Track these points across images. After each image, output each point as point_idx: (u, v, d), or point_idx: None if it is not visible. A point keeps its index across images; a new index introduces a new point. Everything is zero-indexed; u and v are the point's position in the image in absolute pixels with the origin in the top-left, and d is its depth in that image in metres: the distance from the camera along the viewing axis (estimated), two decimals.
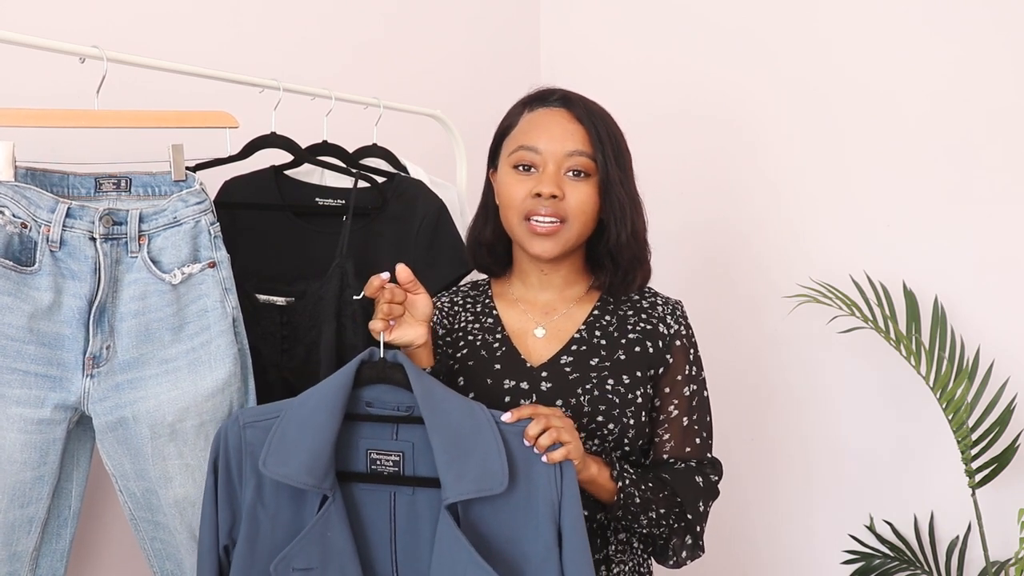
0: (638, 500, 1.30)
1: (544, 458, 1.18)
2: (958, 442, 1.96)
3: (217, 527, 1.21)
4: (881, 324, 2.08)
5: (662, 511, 1.32)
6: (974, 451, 1.97)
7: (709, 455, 1.44)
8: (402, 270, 1.23)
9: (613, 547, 1.38)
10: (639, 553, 1.43)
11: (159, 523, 1.35)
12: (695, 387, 1.43)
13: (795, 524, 2.39)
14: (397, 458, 1.20)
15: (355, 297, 1.29)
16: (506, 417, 1.19)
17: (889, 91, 2.19)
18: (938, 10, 2.12)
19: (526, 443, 1.18)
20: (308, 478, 1.14)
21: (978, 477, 1.97)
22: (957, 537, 2.12)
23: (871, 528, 2.25)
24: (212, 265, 1.30)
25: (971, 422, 1.98)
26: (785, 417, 2.39)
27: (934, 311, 2.10)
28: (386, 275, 1.22)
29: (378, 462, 1.21)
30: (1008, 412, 1.98)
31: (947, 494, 2.13)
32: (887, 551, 2.18)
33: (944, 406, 1.95)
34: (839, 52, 2.26)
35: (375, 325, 1.22)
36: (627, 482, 1.29)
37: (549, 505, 1.18)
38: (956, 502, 2.10)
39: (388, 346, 1.22)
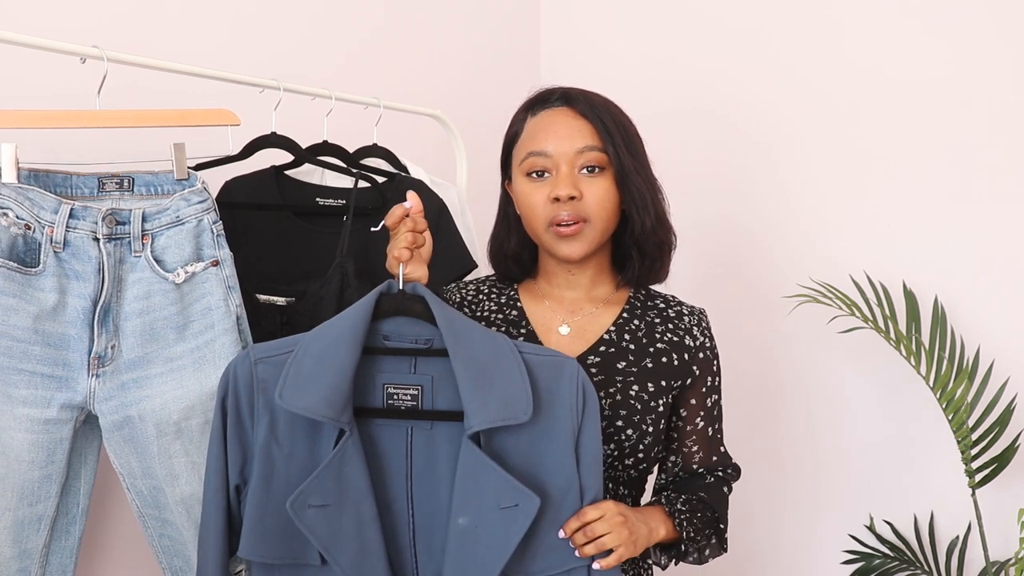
0: (693, 535, 1.33)
1: (596, 565, 1.18)
2: (958, 442, 1.96)
3: (226, 468, 1.18)
4: (881, 324, 2.08)
5: (707, 532, 1.36)
6: (974, 451, 1.97)
7: (732, 460, 1.47)
8: (413, 197, 1.24)
9: None
10: (638, 560, 1.42)
11: (167, 520, 1.35)
12: (716, 396, 1.44)
13: (795, 524, 2.39)
14: (415, 392, 1.19)
15: (373, 229, 1.28)
16: (560, 535, 1.18)
17: (890, 91, 2.19)
18: (938, 10, 2.12)
19: (572, 546, 1.18)
20: (327, 410, 1.11)
21: (978, 477, 1.97)
22: (957, 537, 2.12)
23: (871, 528, 2.25)
24: (215, 264, 1.30)
25: (971, 422, 1.99)
26: (785, 417, 2.39)
27: (934, 311, 2.10)
28: (408, 204, 1.22)
29: (395, 396, 1.19)
30: (1008, 412, 1.98)
31: (947, 494, 2.14)
32: (887, 551, 2.18)
33: (944, 406, 1.95)
34: (841, 52, 2.26)
35: (401, 254, 1.20)
36: (686, 526, 1.32)
37: (570, 435, 1.17)
38: (956, 502, 2.10)
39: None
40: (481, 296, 1.47)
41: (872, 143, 2.22)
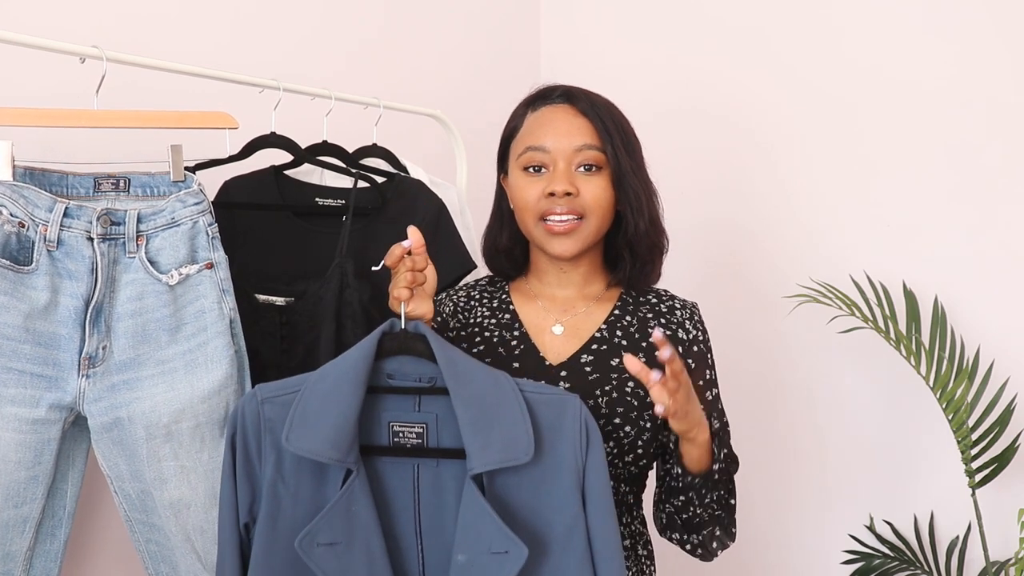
0: (716, 477, 1.29)
1: (660, 409, 1.16)
2: (958, 442, 1.96)
3: (236, 505, 1.19)
4: (881, 324, 2.08)
5: (720, 492, 1.32)
6: (974, 451, 1.97)
7: (734, 452, 1.45)
8: (415, 233, 1.21)
9: None
10: (642, 560, 1.42)
11: (154, 525, 1.34)
12: (715, 391, 1.44)
13: (795, 524, 2.39)
14: (420, 430, 1.19)
15: (374, 268, 1.27)
16: (659, 342, 1.14)
17: (890, 91, 2.19)
18: (938, 10, 2.12)
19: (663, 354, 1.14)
20: (333, 452, 1.12)
21: (978, 477, 1.97)
22: (957, 537, 2.12)
23: (871, 528, 2.25)
24: (209, 266, 1.30)
25: (971, 422, 1.98)
26: (785, 417, 2.39)
27: (934, 311, 2.10)
28: (407, 243, 1.20)
29: (401, 435, 1.20)
30: (1008, 412, 1.98)
31: (947, 494, 2.13)
32: (887, 551, 2.18)
33: (944, 406, 1.95)
34: (841, 52, 2.26)
35: (401, 293, 1.19)
36: (717, 455, 1.29)
37: (575, 474, 1.17)
38: (956, 502, 2.10)
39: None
40: (473, 302, 1.47)
41: (872, 143, 2.22)
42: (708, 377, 1.42)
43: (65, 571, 1.38)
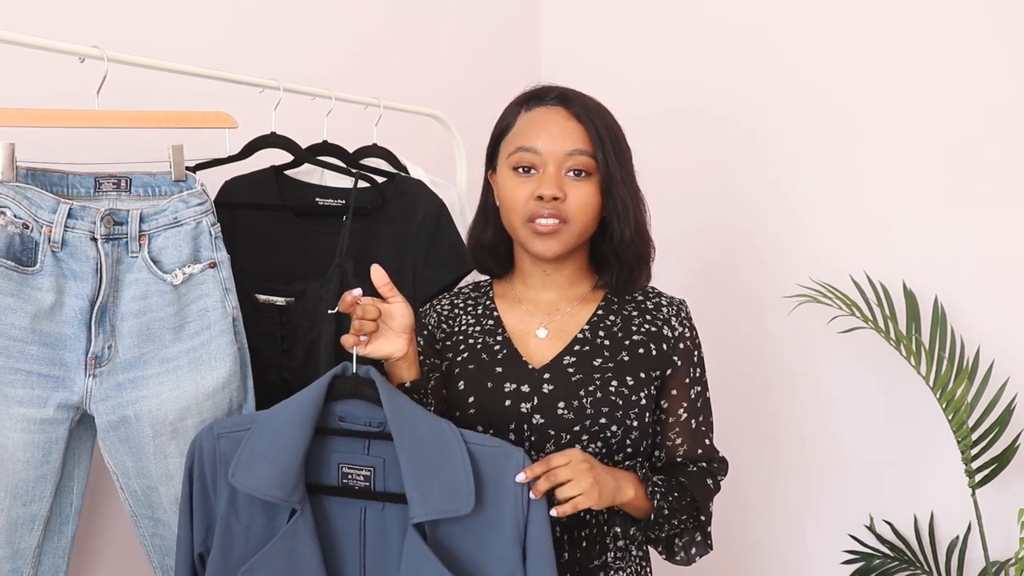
0: (666, 512, 1.31)
1: (553, 512, 1.18)
2: (958, 442, 1.96)
3: (192, 535, 1.22)
4: (881, 324, 2.08)
5: (683, 517, 1.34)
6: (974, 451, 1.97)
7: (718, 454, 1.45)
8: (376, 273, 1.22)
9: (612, 554, 1.37)
10: (637, 560, 1.42)
11: (159, 520, 1.36)
12: (700, 388, 1.43)
13: (795, 524, 2.39)
14: (368, 473, 1.20)
15: (329, 311, 1.28)
16: (520, 477, 1.17)
17: (890, 91, 2.19)
18: (938, 11, 2.12)
19: (532, 496, 1.17)
20: (277, 491, 1.14)
21: (978, 477, 1.97)
22: (957, 537, 2.12)
23: (871, 528, 2.25)
24: (212, 265, 1.30)
25: (971, 422, 1.98)
26: (785, 417, 2.39)
27: (934, 311, 2.10)
28: (358, 291, 1.21)
29: (349, 476, 1.21)
30: (1008, 412, 1.98)
31: (947, 494, 2.14)
32: (887, 551, 2.18)
33: (944, 406, 1.95)
34: (840, 52, 2.26)
35: (346, 340, 1.21)
36: (659, 498, 1.30)
37: (515, 527, 1.17)
38: (956, 502, 2.10)
39: (367, 360, 1.22)
40: (457, 310, 1.47)
41: (872, 143, 2.22)
42: (693, 375, 1.42)
43: (72, 566, 1.39)
